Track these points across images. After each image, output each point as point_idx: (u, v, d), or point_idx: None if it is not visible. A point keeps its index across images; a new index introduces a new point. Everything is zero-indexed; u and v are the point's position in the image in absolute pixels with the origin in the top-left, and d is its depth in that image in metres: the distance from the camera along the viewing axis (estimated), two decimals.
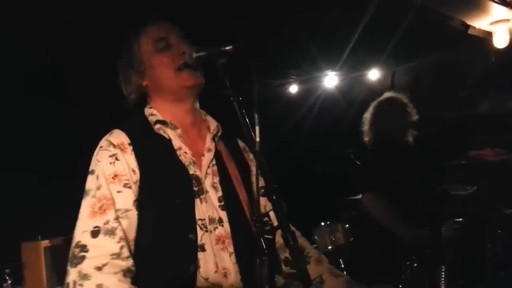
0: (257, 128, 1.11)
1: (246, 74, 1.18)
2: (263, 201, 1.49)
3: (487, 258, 3.15)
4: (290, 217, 1.16)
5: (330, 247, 3.71)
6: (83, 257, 1.21)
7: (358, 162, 3.68)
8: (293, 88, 5.89)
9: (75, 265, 1.21)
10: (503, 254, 3.11)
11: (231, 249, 1.32)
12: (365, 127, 3.24)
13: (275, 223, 1.13)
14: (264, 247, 1.07)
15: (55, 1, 2.56)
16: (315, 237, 3.85)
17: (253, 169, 1.53)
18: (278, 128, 5.39)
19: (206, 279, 1.26)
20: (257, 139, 1.12)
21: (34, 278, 2.82)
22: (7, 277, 2.75)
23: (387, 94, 3.29)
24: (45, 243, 2.83)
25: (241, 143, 1.59)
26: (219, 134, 1.49)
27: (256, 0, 3.30)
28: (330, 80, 5.64)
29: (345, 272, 3.74)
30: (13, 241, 2.89)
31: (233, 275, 1.30)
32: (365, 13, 3.55)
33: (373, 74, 5.37)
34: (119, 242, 1.24)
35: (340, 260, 3.79)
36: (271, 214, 1.13)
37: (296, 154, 5.64)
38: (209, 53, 1.28)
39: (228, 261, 1.30)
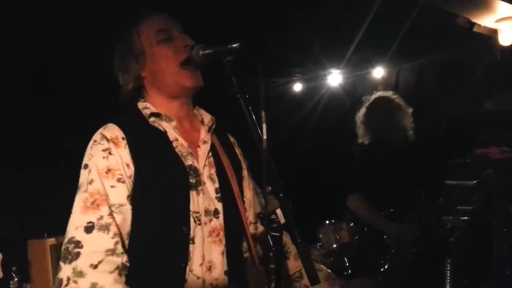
0: (264, 126, 1.11)
1: (250, 72, 1.17)
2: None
3: (492, 256, 3.14)
4: (295, 216, 1.16)
5: (334, 246, 3.70)
6: (78, 254, 1.19)
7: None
8: (297, 87, 5.87)
9: (70, 261, 1.18)
10: (509, 253, 3.10)
11: (223, 241, 1.33)
12: (359, 128, 3.24)
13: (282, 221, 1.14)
14: (271, 244, 1.07)
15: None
16: (320, 235, 3.84)
17: (243, 164, 1.55)
18: (283, 127, 5.38)
19: (191, 271, 1.27)
20: (264, 137, 1.11)
21: (41, 275, 2.85)
22: (14, 275, 2.77)
23: (378, 94, 3.29)
24: (51, 240, 2.85)
25: (231, 138, 1.59)
26: (213, 126, 1.48)
27: None
28: (334, 78, 5.61)
29: (350, 271, 3.76)
30: (20, 239, 2.91)
31: (219, 268, 1.31)
32: (369, 10, 3.54)
33: (378, 72, 5.33)
34: (113, 237, 1.22)
35: (345, 258, 3.79)
36: (278, 211, 1.13)
37: (300, 153, 5.63)
38: (216, 50, 1.27)
39: (217, 254, 1.31)
